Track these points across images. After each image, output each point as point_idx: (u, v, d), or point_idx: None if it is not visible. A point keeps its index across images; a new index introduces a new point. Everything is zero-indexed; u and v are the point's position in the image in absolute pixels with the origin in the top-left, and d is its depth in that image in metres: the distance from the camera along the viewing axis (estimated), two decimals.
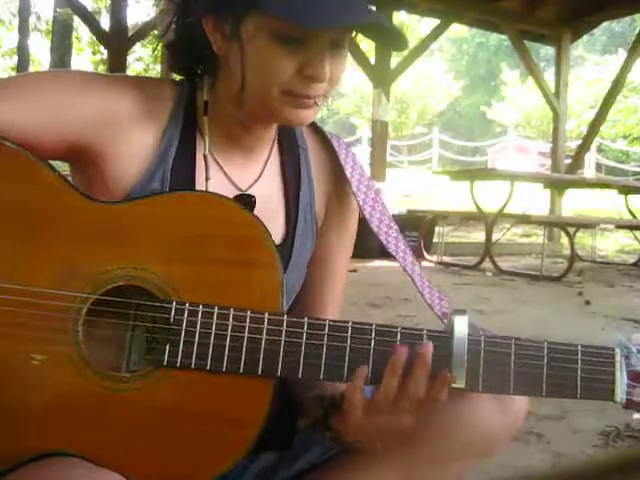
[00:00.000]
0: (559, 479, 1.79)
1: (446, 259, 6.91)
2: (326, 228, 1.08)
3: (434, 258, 6.85)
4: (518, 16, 8.39)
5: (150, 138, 0.93)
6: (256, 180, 1.00)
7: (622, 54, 15.39)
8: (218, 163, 0.97)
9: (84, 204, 0.85)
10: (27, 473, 0.75)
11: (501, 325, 3.72)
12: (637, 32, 8.64)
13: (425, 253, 6.80)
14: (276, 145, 1.03)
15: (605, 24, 12.73)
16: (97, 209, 0.86)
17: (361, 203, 1.04)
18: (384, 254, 1.07)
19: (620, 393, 0.81)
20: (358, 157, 1.08)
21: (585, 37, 10.14)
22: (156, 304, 0.83)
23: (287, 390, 0.96)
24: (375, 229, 1.03)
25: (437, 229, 7.39)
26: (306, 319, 0.83)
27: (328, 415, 0.90)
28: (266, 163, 1.01)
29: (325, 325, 0.83)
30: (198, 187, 0.95)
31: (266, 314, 0.83)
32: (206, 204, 0.88)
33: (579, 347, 0.82)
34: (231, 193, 0.96)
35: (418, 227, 6.82)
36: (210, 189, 0.94)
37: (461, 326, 0.81)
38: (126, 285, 0.84)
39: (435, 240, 7.29)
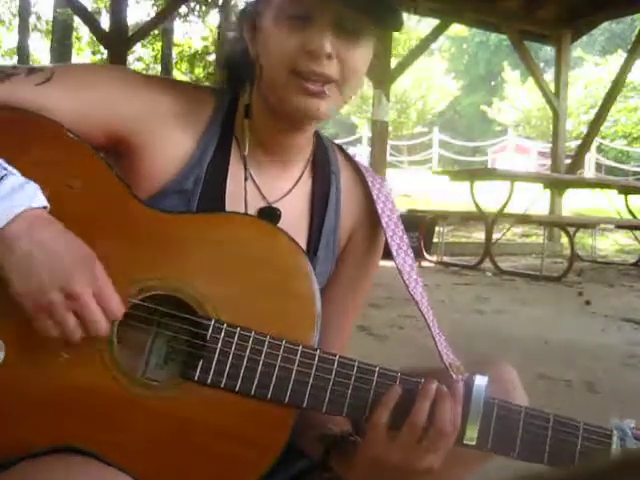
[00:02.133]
0: (559, 479, 1.79)
1: (446, 259, 6.92)
2: (345, 262, 1.07)
3: (434, 258, 6.85)
4: (518, 16, 8.38)
5: (187, 140, 0.96)
6: (285, 195, 1.01)
7: (622, 54, 15.39)
8: (250, 174, 0.98)
9: (136, 206, 0.87)
10: (33, 466, 0.75)
11: (501, 325, 3.72)
12: (637, 32, 8.64)
13: (425, 253, 6.81)
14: (310, 165, 1.04)
15: (605, 24, 12.72)
16: (148, 214, 0.87)
17: (389, 241, 1.03)
18: (385, 255, 1.07)
19: None
20: (389, 193, 1.08)
21: (584, 37, 10.13)
22: (195, 319, 0.84)
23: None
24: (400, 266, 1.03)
25: (437, 229, 7.39)
26: (337, 357, 0.85)
27: (329, 455, 0.89)
28: (298, 180, 1.02)
29: (354, 366, 0.85)
30: (229, 192, 0.96)
31: (300, 347, 0.84)
32: (255, 228, 0.89)
33: (581, 424, 0.86)
34: (258, 204, 0.98)
35: (418, 227, 6.82)
36: (239, 198, 0.96)
37: (480, 390, 0.85)
38: (164, 295, 0.83)
39: (435, 240, 7.29)
